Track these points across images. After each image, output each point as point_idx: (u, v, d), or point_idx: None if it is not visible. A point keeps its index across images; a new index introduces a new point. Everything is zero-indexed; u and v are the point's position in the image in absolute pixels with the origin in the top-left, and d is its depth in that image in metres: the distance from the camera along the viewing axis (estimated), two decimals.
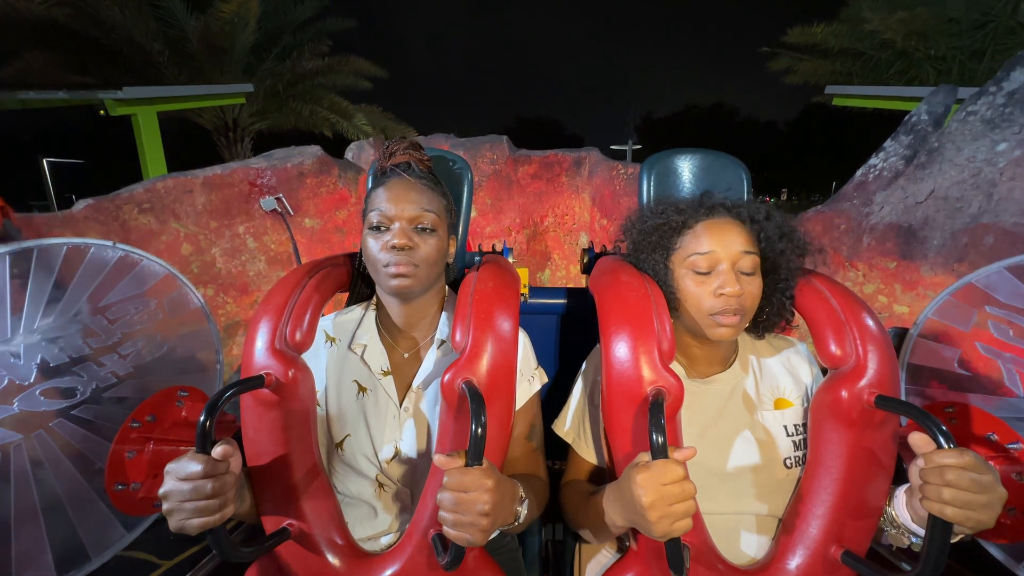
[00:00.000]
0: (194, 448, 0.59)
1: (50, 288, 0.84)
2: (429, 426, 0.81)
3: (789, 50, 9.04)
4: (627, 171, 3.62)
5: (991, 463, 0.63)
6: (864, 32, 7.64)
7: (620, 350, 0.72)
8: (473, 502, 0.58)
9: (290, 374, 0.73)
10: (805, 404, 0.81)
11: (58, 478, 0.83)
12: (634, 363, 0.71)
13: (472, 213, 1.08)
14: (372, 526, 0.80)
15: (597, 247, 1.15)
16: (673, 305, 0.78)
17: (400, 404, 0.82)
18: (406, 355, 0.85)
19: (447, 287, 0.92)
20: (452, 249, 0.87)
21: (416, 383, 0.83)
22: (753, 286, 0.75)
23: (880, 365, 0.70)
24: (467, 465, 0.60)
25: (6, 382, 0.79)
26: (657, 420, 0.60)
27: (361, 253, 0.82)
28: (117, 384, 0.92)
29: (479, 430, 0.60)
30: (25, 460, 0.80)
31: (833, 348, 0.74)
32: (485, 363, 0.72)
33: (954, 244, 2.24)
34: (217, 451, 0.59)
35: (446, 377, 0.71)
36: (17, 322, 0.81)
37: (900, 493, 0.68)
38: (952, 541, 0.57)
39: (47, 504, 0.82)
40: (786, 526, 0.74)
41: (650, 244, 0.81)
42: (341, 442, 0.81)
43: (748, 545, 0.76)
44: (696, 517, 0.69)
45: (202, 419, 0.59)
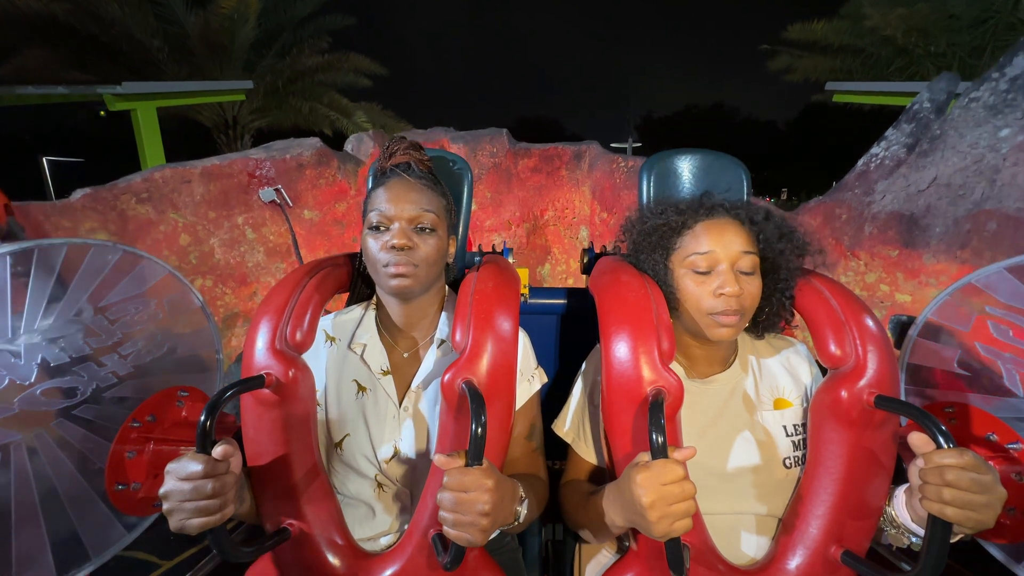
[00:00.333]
0: (194, 448, 0.59)
1: (51, 288, 0.84)
2: (428, 426, 0.81)
3: (789, 47, 9.03)
4: (627, 164, 3.55)
5: (991, 463, 0.63)
6: (864, 28, 7.63)
7: (620, 350, 0.72)
8: (473, 502, 0.58)
9: (290, 374, 0.73)
10: (805, 404, 0.81)
11: (58, 478, 0.83)
12: (634, 363, 0.71)
13: (472, 207, 1.08)
14: (372, 526, 0.80)
15: (597, 241, 1.15)
16: (673, 305, 0.78)
17: (400, 404, 0.82)
18: (406, 355, 0.85)
19: (447, 287, 0.92)
20: (452, 249, 0.87)
21: (416, 383, 0.83)
22: (752, 286, 0.75)
23: (880, 365, 0.70)
24: (467, 465, 0.60)
25: (7, 382, 0.79)
26: (657, 420, 0.60)
27: (361, 253, 0.82)
28: (117, 384, 0.91)
29: (479, 430, 0.60)
30: (25, 459, 0.80)
31: (833, 348, 0.74)
32: (485, 363, 0.72)
33: (957, 231, 2.21)
34: (217, 451, 0.59)
35: (446, 377, 0.71)
36: (18, 322, 0.81)
37: (900, 493, 0.68)
38: (952, 541, 0.57)
39: (47, 504, 0.82)
40: (786, 526, 0.74)
41: (650, 244, 0.81)
42: (340, 442, 0.81)
43: (748, 545, 0.76)
44: (696, 517, 0.69)
45: (202, 419, 0.59)
